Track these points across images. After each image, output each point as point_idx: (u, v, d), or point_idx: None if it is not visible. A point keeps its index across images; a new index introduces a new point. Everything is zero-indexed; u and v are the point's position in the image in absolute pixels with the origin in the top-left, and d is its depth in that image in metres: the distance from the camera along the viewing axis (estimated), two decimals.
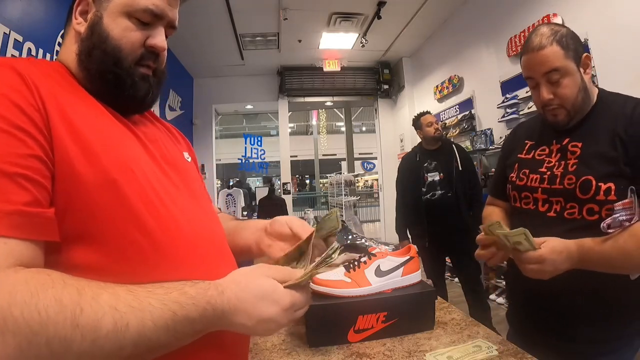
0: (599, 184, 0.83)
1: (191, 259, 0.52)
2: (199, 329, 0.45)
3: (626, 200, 0.78)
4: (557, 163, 0.92)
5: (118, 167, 0.48)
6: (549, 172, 0.92)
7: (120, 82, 0.56)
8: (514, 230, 0.75)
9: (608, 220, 0.77)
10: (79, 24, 0.56)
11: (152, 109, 0.67)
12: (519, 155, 1.03)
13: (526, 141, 1.03)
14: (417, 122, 2.69)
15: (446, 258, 2.84)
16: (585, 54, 0.89)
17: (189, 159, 0.70)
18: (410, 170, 2.73)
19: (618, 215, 0.77)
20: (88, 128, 0.48)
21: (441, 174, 2.60)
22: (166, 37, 0.60)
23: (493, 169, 3.44)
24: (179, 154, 0.67)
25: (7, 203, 0.39)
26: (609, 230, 0.77)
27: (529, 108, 3.08)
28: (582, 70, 0.89)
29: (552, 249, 0.77)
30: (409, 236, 2.78)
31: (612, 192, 0.81)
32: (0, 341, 0.34)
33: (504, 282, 3.27)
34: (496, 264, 0.88)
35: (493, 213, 1.10)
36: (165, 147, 0.63)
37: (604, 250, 0.77)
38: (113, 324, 0.38)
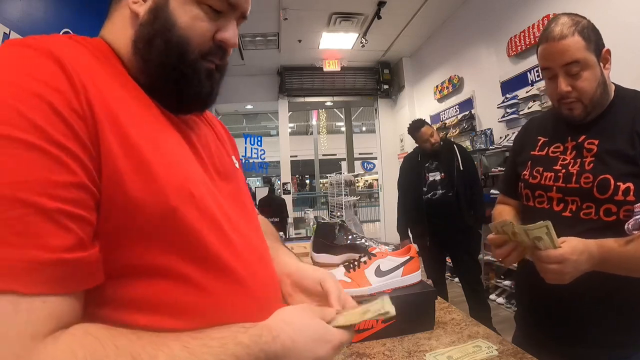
0: (618, 183, 0.79)
1: (257, 286, 0.48)
2: None
3: None
4: (572, 161, 0.88)
5: (177, 190, 0.41)
6: (564, 170, 0.88)
7: (184, 80, 0.48)
8: (536, 224, 0.70)
9: (631, 222, 0.74)
10: (136, 4, 0.46)
11: None
12: (531, 152, 0.98)
13: (539, 137, 0.98)
14: (415, 134, 2.64)
15: (446, 258, 2.85)
16: (605, 49, 0.85)
17: (237, 164, 0.62)
18: (412, 170, 2.73)
19: (639, 217, 0.73)
20: (143, 137, 0.40)
21: (442, 174, 2.61)
22: None
23: (493, 169, 3.45)
24: (229, 160, 0.59)
25: (45, 250, 0.31)
26: (634, 232, 0.73)
27: (529, 108, 3.08)
28: (601, 64, 0.85)
29: (573, 249, 0.72)
30: (410, 236, 2.78)
31: (631, 193, 0.77)
32: None
33: (504, 282, 3.27)
34: (511, 263, 0.83)
35: (504, 211, 1.05)
36: (217, 155, 0.55)
37: (627, 252, 0.73)
38: None
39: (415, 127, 2.63)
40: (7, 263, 0.30)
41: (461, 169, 2.59)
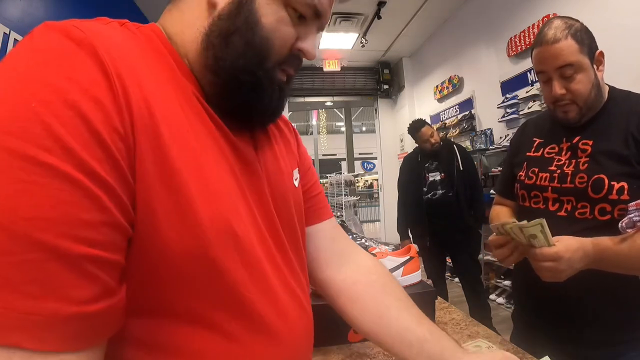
0: (612, 183, 0.80)
1: (292, 339, 0.43)
2: None
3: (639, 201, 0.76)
4: (567, 161, 0.90)
5: (219, 231, 0.35)
6: (559, 171, 0.90)
7: (259, 88, 0.41)
8: (530, 222, 0.71)
9: (625, 220, 0.75)
10: None
11: None
12: (527, 154, 1.00)
13: (534, 139, 1.00)
14: (415, 134, 2.65)
15: (446, 258, 2.85)
16: (598, 51, 0.87)
17: (297, 180, 0.53)
18: (412, 170, 2.73)
19: (632, 215, 0.75)
20: (187, 162, 0.34)
21: (442, 174, 2.61)
22: None
23: (493, 169, 3.45)
24: (288, 181, 0.50)
25: (65, 302, 0.26)
26: (628, 230, 0.75)
27: (529, 108, 3.08)
28: (595, 67, 0.86)
29: (567, 247, 0.74)
30: (410, 236, 2.79)
31: (625, 192, 0.79)
32: None
33: (504, 282, 3.27)
34: (511, 263, 0.84)
35: (501, 212, 1.07)
36: (275, 176, 0.47)
37: (621, 250, 0.75)
38: None
39: (415, 127, 2.63)
40: (19, 315, 0.25)
41: (461, 169, 2.59)
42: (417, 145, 2.77)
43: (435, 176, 2.63)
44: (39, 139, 0.26)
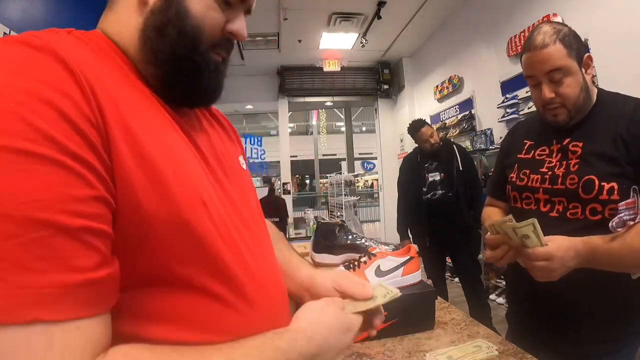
0: (602, 183, 0.82)
1: (265, 301, 0.47)
2: None
3: (629, 200, 0.77)
4: (558, 163, 0.91)
5: (189, 200, 0.39)
6: (550, 172, 0.91)
7: (196, 71, 0.45)
8: (523, 222, 0.73)
9: (615, 220, 0.76)
10: None
11: None
12: (518, 156, 1.02)
13: (525, 141, 1.02)
14: (414, 134, 2.65)
15: (446, 258, 2.85)
16: (587, 54, 0.89)
17: (244, 165, 0.59)
18: (411, 170, 2.73)
19: (623, 214, 0.76)
20: (154, 143, 0.38)
21: (442, 174, 2.61)
22: None
23: (493, 169, 3.44)
24: (236, 161, 0.56)
25: (72, 272, 0.30)
26: (618, 229, 0.76)
27: (529, 108, 3.09)
28: (583, 70, 0.88)
29: (559, 246, 0.75)
30: (410, 236, 2.79)
31: (615, 192, 0.81)
32: None
33: (504, 282, 3.27)
34: (505, 264, 0.86)
35: (493, 214, 1.09)
36: (223, 157, 0.52)
37: (612, 248, 0.76)
38: None
39: (415, 128, 2.64)
40: (33, 291, 0.28)
41: (461, 169, 2.59)
42: (417, 145, 2.77)
43: (435, 176, 2.63)
44: (24, 132, 0.29)
